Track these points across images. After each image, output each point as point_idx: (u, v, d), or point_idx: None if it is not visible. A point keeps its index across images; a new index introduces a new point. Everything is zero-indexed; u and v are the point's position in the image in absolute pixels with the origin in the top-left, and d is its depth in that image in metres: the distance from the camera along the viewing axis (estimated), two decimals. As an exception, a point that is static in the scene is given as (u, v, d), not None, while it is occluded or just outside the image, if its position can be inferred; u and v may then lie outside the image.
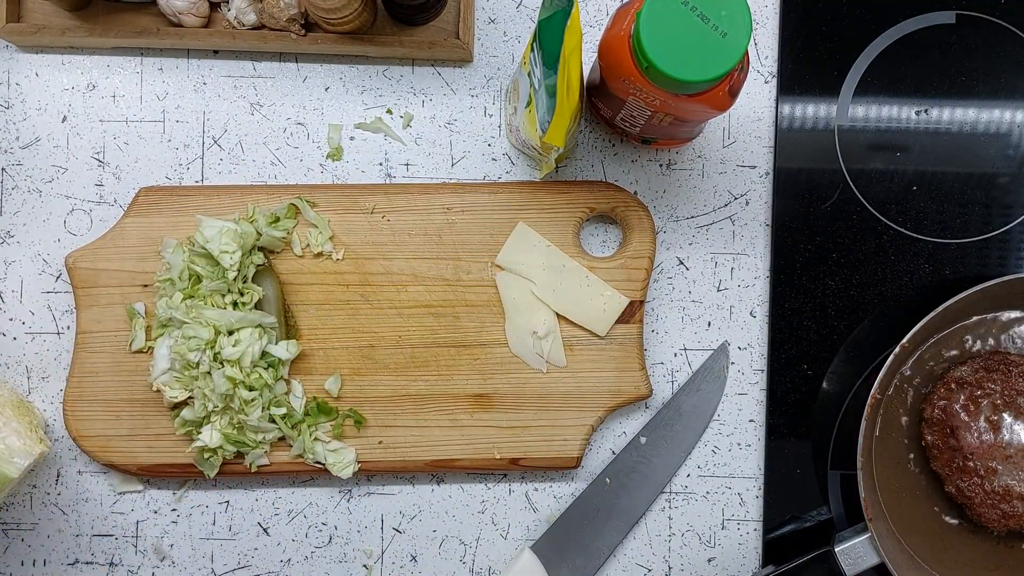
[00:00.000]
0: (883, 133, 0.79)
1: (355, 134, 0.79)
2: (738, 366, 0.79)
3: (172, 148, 0.79)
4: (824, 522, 0.78)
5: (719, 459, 0.79)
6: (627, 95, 0.66)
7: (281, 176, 0.78)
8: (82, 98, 0.79)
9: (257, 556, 0.78)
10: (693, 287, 0.79)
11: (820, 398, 0.79)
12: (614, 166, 0.79)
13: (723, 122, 0.79)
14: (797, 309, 0.78)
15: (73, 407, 0.76)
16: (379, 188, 0.77)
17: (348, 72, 0.79)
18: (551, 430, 0.76)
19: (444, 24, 0.77)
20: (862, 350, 0.78)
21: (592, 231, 0.79)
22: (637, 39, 0.60)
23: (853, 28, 0.79)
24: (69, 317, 0.78)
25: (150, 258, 0.76)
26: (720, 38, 0.59)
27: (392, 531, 0.79)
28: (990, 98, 0.79)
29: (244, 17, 0.75)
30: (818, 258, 0.79)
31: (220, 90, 0.79)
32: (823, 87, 0.79)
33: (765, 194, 0.79)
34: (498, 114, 0.79)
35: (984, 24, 0.79)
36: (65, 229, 0.78)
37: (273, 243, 0.75)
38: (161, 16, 0.76)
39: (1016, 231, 0.79)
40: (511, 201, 0.76)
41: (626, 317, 0.76)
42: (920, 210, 0.79)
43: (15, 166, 0.78)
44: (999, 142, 0.79)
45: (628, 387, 0.76)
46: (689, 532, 0.79)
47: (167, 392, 0.73)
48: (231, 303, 0.73)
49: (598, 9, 0.79)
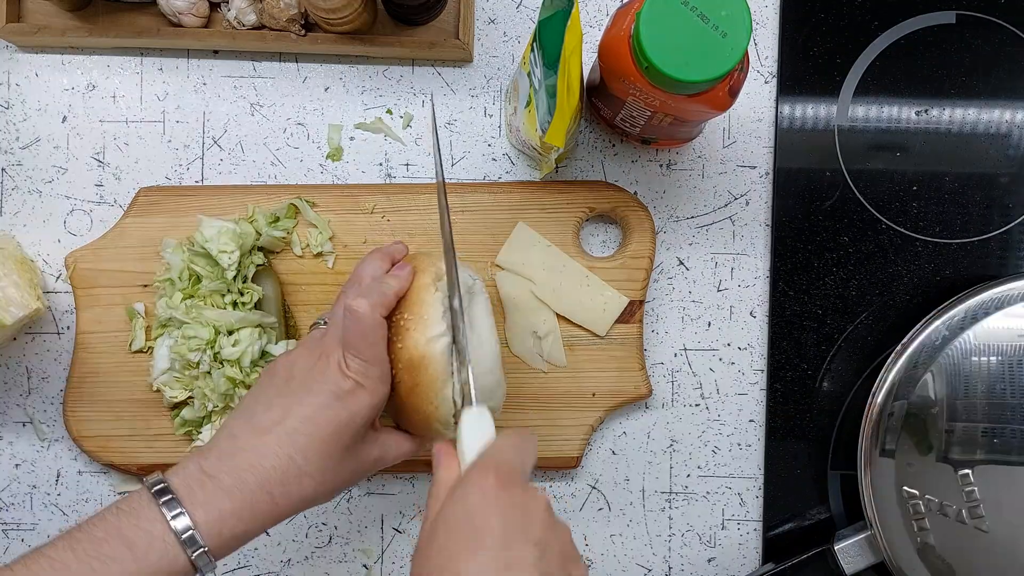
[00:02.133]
0: (883, 133, 0.79)
1: (355, 134, 0.79)
2: (738, 366, 0.79)
3: (172, 148, 0.79)
4: (824, 521, 0.78)
5: (719, 459, 0.79)
6: (627, 95, 0.66)
7: (281, 176, 0.78)
8: (82, 98, 0.79)
9: (257, 556, 0.78)
10: (693, 287, 0.79)
11: (820, 398, 0.79)
12: (614, 166, 0.79)
13: (723, 122, 0.79)
14: (797, 309, 0.78)
15: (73, 407, 0.76)
16: (379, 188, 0.77)
17: (348, 72, 0.79)
18: (551, 430, 0.76)
19: (444, 24, 0.77)
20: (862, 350, 0.78)
21: (592, 231, 0.79)
22: (637, 39, 0.60)
23: (853, 28, 0.79)
24: (69, 317, 0.78)
25: (150, 258, 0.76)
26: (720, 38, 0.59)
27: (392, 531, 0.79)
28: (990, 98, 0.79)
29: (244, 17, 0.75)
30: (818, 258, 0.79)
31: (220, 90, 0.79)
32: (823, 87, 0.79)
33: (765, 194, 0.79)
34: (498, 114, 0.79)
35: (984, 24, 0.79)
36: (65, 229, 0.78)
37: (273, 243, 0.75)
38: (161, 16, 0.76)
39: (1016, 231, 0.79)
40: (511, 201, 0.76)
41: (626, 317, 0.76)
42: (920, 210, 0.79)
43: (15, 166, 0.78)
44: (999, 142, 0.79)
45: (628, 387, 0.76)
46: (689, 532, 0.79)
47: (167, 392, 0.73)
48: (231, 303, 0.73)
49: (598, 9, 0.79)
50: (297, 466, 0.57)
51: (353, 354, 0.59)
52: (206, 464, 0.56)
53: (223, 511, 0.55)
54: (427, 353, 0.61)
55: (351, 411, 0.58)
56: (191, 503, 0.54)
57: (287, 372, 0.60)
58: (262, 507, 0.56)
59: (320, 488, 0.58)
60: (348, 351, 0.59)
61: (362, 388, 0.59)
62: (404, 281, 0.63)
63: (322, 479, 0.58)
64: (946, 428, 0.74)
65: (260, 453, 0.57)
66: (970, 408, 0.74)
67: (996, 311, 0.75)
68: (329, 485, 0.59)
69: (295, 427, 0.57)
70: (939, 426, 0.74)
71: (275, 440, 0.57)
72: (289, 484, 0.57)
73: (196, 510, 0.54)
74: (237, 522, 0.55)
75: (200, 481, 0.55)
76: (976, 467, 0.73)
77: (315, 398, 0.58)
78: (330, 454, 0.58)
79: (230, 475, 0.56)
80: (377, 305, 0.60)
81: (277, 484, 0.56)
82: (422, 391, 0.61)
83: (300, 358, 0.61)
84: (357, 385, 0.59)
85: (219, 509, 0.55)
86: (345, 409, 0.58)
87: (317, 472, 0.58)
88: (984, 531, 0.73)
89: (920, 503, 0.74)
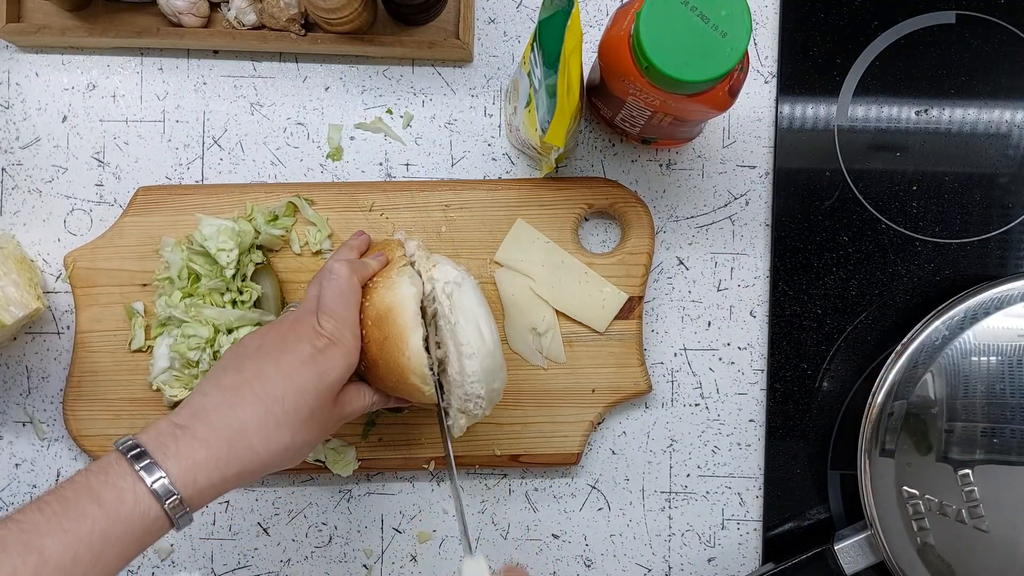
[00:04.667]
0: (883, 133, 0.79)
1: (355, 134, 0.79)
2: (738, 366, 0.79)
3: (172, 148, 0.79)
4: (824, 521, 0.78)
5: (719, 459, 0.79)
6: (627, 95, 0.66)
7: (281, 176, 0.79)
8: (82, 98, 0.79)
9: (257, 556, 0.78)
10: (693, 287, 0.79)
11: (820, 398, 0.79)
12: (614, 166, 0.79)
13: (723, 122, 0.79)
14: (797, 309, 0.78)
15: (73, 407, 0.76)
16: (378, 186, 0.77)
17: (348, 72, 0.79)
18: (551, 426, 0.76)
19: (444, 24, 0.77)
20: (862, 350, 0.78)
21: (591, 230, 0.79)
22: (637, 39, 0.60)
23: (853, 28, 0.79)
24: (69, 317, 0.78)
25: (149, 257, 0.76)
26: (720, 38, 0.59)
27: (392, 531, 0.79)
28: (990, 98, 0.79)
29: (244, 17, 0.75)
30: (818, 258, 0.79)
31: (220, 90, 0.79)
32: (823, 87, 0.79)
33: (765, 194, 0.79)
34: (498, 114, 0.79)
35: (984, 24, 0.79)
36: (65, 229, 0.78)
37: (272, 241, 0.75)
38: (161, 16, 0.76)
39: (1016, 231, 0.79)
40: (509, 198, 0.76)
41: (625, 313, 0.76)
42: (920, 210, 0.79)
43: (15, 166, 0.78)
44: (999, 142, 0.79)
45: (628, 383, 0.76)
46: (689, 532, 0.79)
47: (167, 391, 0.73)
48: (230, 301, 0.73)
49: (598, 9, 0.79)
50: (274, 414, 0.57)
51: (328, 315, 0.61)
52: (178, 419, 0.56)
53: (197, 460, 0.55)
54: (392, 303, 0.62)
55: (325, 367, 0.59)
56: (163, 455, 0.54)
57: (258, 341, 0.61)
58: (241, 454, 0.56)
59: (296, 438, 0.58)
60: (323, 313, 0.61)
61: (335, 346, 0.60)
62: (380, 263, 0.66)
63: (299, 429, 0.58)
64: (946, 428, 0.74)
65: (236, 405, 0.57)
66: (970, 408, 0.74)
67: (996, 311, 0.75)
68: (304, 437, 0.59)
69: (271, 380, 0.58)
70: (939, 426, 0.74)
71: (251, 392, 0.58)
72: (268, 431, 0.57)
73: (168, 461, 0.54)
74: (213, 469, 0.55)
75: (172, 435, 0.55)
76: (976, 467, 0.73)
77: (291, 355, 0.59)
78: (306, 404, 0.58)
79: (204, 425, 0.56)
80: (356, 269, 0.64)
81: (256, 431, 0.57)
82: (392, 343, 0.62)
83: (271, 329, 0.62)
84: (331, 343, 0.60)
85: (192, 458, 0.55)
86: (320, 364, 0.59)
87: (293, 422, 0.58)
88: (984, 531, 0.73)
89: (920, 503, 0.74)
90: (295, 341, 0.60)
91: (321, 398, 0.59)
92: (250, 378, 0.58)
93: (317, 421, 0.60)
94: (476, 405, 0.65)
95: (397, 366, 0.62)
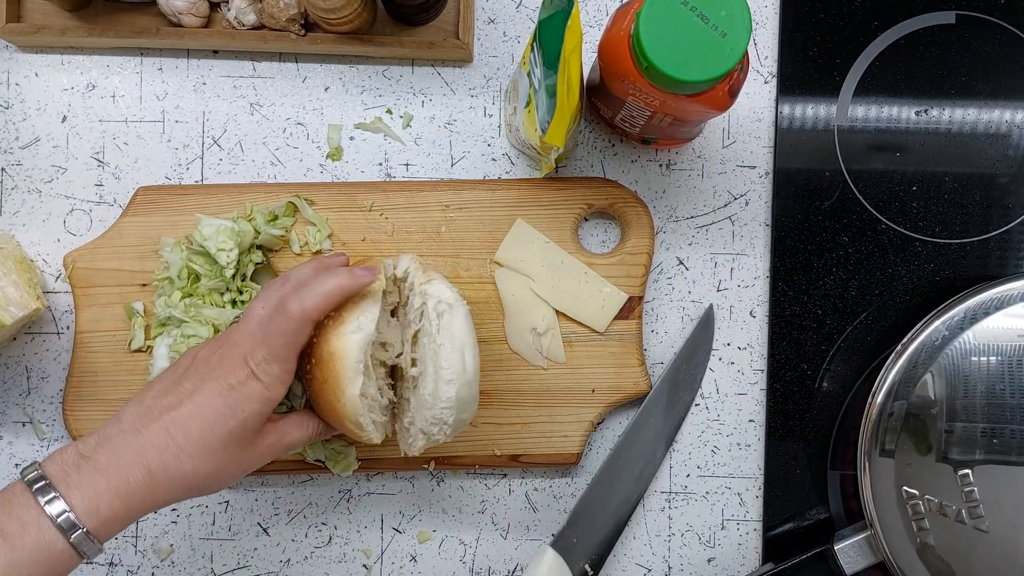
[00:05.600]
0: (883, 133, 0.79)
1: (355, 134, 0.79)
2: (738, 366, 0.79)
3: (172, 148, 0.79)
4: (823, 521, 0.78)
5: (719, 459, 0.79)
6: (627, 95, 0.66)
7: (281, 176, 0.79)
8: (82, 98, 0.79)
9: (257, 556, 0.78)
10: (693, 287, 0.79)
11: (820, 398, 0.79)
12: (614, 166, 0.79)
13: (723, 122, 0.79)
14: (797, 309, 0.78)
15: (73, 407, 0.76)
16: (377, 186, 0.77)
17: (348, 72, 0.79)
18: (551, 426, 0.76)
19: (444, 24, 0.77)
20: (862, 350, 0.78)
21: (591, 230, 0.79)
22: (637, 39, 0.60)
23: (853, 28, 0.79)
24: (69, 317, 0.78)
25: (149, 257, 0.76)
26: (720, 38, 0.59)
27: (392, 531, 0.78)
28: (990, 98, 0.79)
29: (244, 17, 0.75)
30: (818, 258, 0.79)
31: (220, 90, 0.79)
32: (823, 87, 0.79)
33: (765, 194, 0.79)
34: (498, 114, 0.79)
35: (984, 24, 0.79)
36: (65, 229, 0.78)
37: (272, 241, 0.75)
38: (161, 16, 0.76)
39: (1016, 231, 0.79)
40: (509, 198, 0.76)
41: (625, 313, 0.76)
42: (920, 210, 0.79)
43: (15, 166, 0.78)
44: (999, 142, 0.79)
45: (627, 383, 0.76)
46: (689, 532, 0.79)
47: (166, 391, 0.73)
48: (230, 301, 0.73)
49: (598, 9, 0.79)
50: (176, 443, 0.57)
51: (263, 347, 0.60)
52: (84, 448, 0.56)
53: (99, 490, 0.54)
54: (336, 349, 0.61)
55: (240, 403, 0.58)
56: (66, 486, 0.54)
57: (189, 361, 0.61)
58: (138, 481, 0.56)
59: (201, 469, 0.58)
60: (259, 344, 0.60)
61: (256, 380, 0.59)
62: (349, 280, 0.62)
63: (202, 460, 0.58)
64: (946, 428, 0.74)
65: (140, 432, 0.57)
66: (970, 408, 0.74)
67: (996, 311, 0.75)
68: (212, 467, 0.58)
69: (182, 408, 0.58)
70: (939, 426, 0.74)
71: (159, 418, 0.57)
72: (167, 459, 0.57)
73: (72, 492, 0.54)
74: (114, 498, 0.55)
75: (76, 464, 0.55)
76: (976, 467, 0.73)
77: (210, 384, 0.59)
78: (214, 436, 0.58)
79: (107, 455, 0.56)
80: (315, 309, 0.61)
81: (154, 459, 0.56)
82: (330, 387, 0.62)
83: (204, 348, 0.62)
84: (251, 376, 0.59)
85: (94, 488, 0.54)
86: (235, 400, 0.58)
87: (197, 452, 0.57)
88: (984, 531, 0.73)
89: (920, 503, 0.74)
90: (219, 367, 0.59)
91: (232, 433, 0.59)
92: (165, 406, 0.58)
93: (231, 454, 0.59)
94: (440, 431, 0.64)
95: (333, 410, 0.63)
